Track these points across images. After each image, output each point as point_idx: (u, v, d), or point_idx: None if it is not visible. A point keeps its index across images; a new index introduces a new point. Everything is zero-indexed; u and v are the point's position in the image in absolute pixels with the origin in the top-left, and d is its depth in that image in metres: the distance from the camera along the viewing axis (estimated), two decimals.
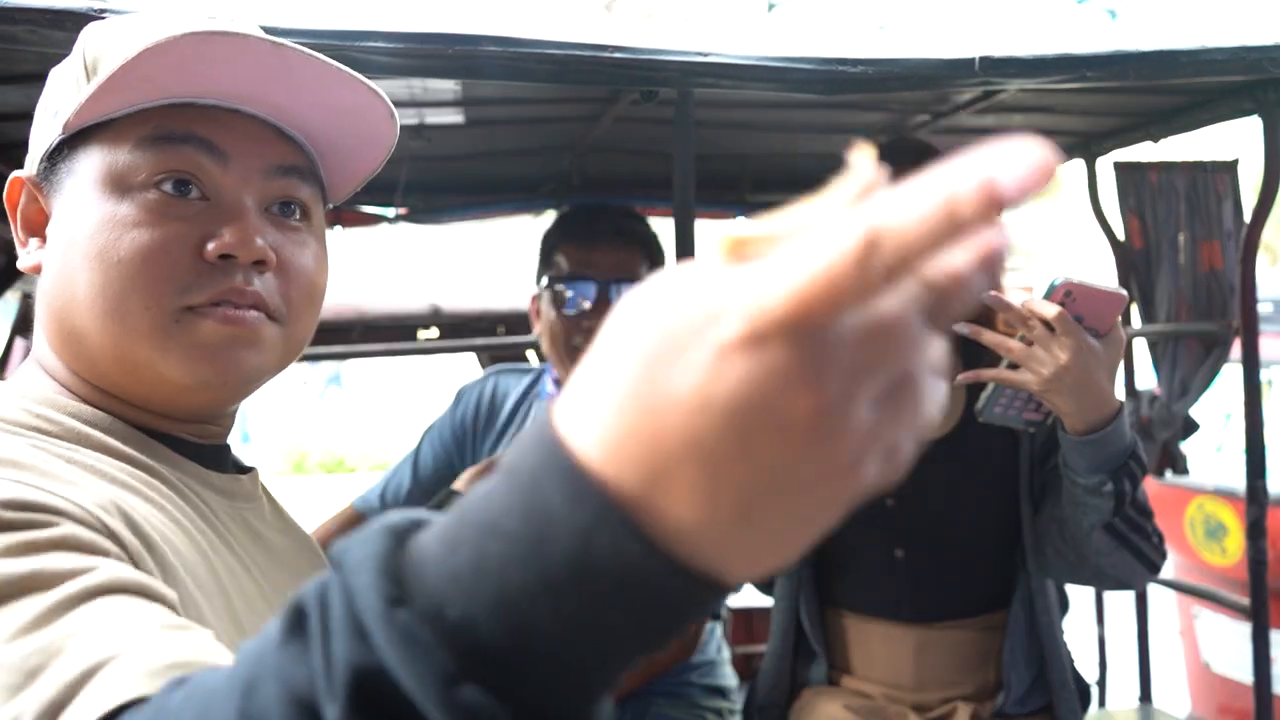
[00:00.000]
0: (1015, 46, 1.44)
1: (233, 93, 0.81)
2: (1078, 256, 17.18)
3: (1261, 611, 1.78)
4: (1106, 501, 1.40)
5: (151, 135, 0.79)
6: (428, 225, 2.38)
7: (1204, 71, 1.50)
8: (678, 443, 0.36)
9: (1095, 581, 1.59)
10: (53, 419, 0.77)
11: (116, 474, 0.74)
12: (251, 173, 0.82)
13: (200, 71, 0.77)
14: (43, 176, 0.84)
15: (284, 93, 0.81)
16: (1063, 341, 1.32)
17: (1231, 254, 1.97)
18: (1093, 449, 1.38)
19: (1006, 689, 1.63)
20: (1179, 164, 2.01)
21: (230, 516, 0.85)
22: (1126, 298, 1.37)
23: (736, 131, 2.04)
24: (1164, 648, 3.30)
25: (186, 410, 0.85)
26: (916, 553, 1.66)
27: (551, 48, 1.29)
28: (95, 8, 1.10)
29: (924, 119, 1.97)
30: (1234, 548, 3.10)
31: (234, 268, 0.79)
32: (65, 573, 0.58)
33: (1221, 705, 3.22)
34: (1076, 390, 1.34)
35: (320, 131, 0.87)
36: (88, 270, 0.78)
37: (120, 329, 0.78)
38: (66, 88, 0.83)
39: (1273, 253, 15.25)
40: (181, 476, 0.82)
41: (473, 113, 1.82)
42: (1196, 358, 2.04)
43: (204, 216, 0.79)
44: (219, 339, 0.79)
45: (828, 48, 1.41)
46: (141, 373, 0.80)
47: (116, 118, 0.80)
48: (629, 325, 0.40)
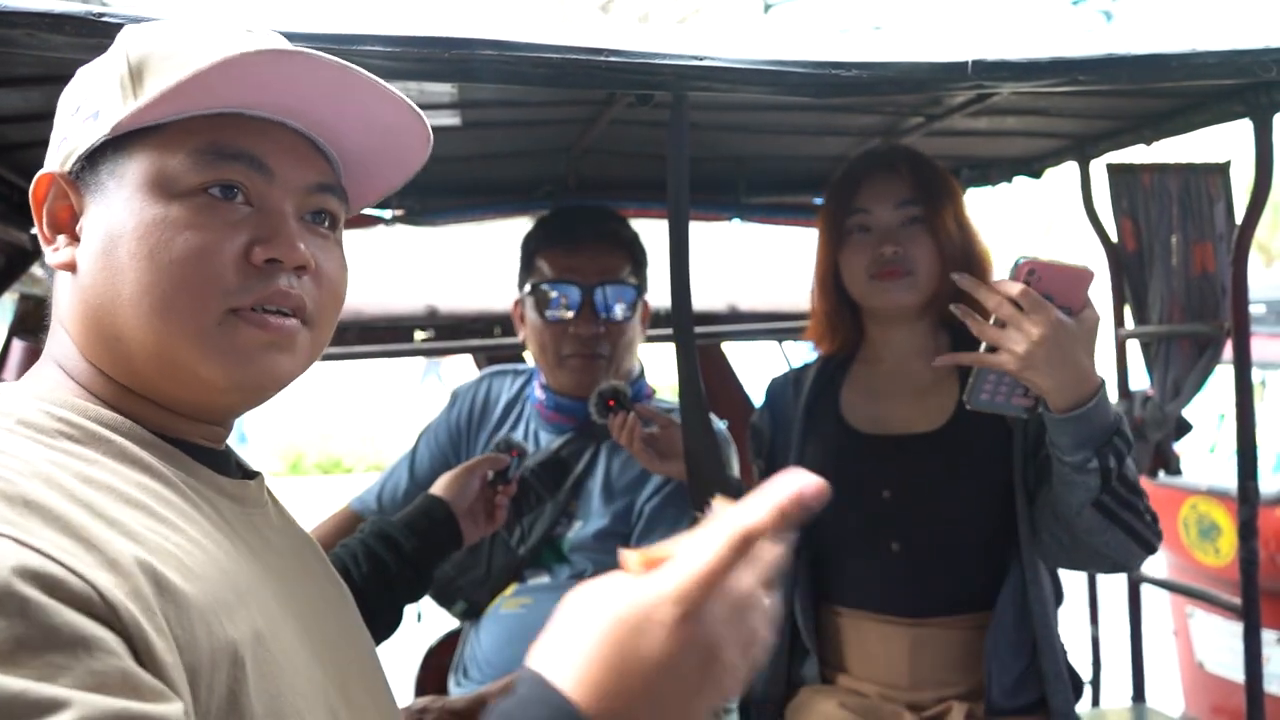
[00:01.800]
0: (1008, 50, 1.45)
1: (283, 107, 0.85)
2: (1071, 258, 17.18)
3: (1253, 611, 1.79)
4: (1093, 479, 1.42)
5: (204, 148, 0.82)
6: (424, 227, 2.39)
7: (1196, 75, 1.51)
8: (640, 687, 0.60)
9: (1092, 563, 1.61)
10: (73, 422, 0.79)
11: (133, 492, 0.75)
12: (293, 187, 0.87)
13: (258, 85, 0.81)
14: (77, 175, 0.85)
15: (329, 109, 0.86)
16: (1033, 318, 1.35)
17: (1223, 256, 1.98)
18: (1075, 426, 1.40)
19: (988, 679, 1.63)
20: (1172, 166, 2.02)
21: (242, 523, 0.87)
22: (1092, 273, 1.39)
23: (731, 134, 2.05)
24: (1158, 647, 3.32)
25: (214, 412, 0.87)
26: (912, 546, 1.68)
27: (547, 51, 1.30)
28: (94, 12, 1.10)
29: (918, 121, 1.98)
30: (1227, 548, 3.11)
31: (278, 272, 0.83)
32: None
33: (1215, 705, 3.23)
34: (1053, 367, 1.37)
35: (354, 148, 0.92)
36: (136, 269, 0.80)
37: (166, 328, 0.80)
38: (107, 88, 0.84)
39: (1267, 254, 15.29)
40: (196, 484, 0.83)
41: (469, 115, 1.82)
42: (1189, 359, 2.05)
43: (249, 223, 0.83)
44: (257, 344, 0.83)
45: (822, 51, 1.42)
46: (179, 373, 0.82)
47: (165, 123, 0.82)
48: (591, 617, 0.62)
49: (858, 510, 1.71)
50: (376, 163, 0.94)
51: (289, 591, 0.87)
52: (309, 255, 0.85)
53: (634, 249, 1.96)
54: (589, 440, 1.93)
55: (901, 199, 1.70)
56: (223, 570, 0.77)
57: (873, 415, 1.76)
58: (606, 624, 0.61)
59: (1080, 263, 1.40)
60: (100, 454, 0.77)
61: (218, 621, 0.72)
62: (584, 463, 1.92)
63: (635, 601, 0.62)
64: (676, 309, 1.52)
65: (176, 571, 0.71)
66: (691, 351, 1.56)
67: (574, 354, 1.89)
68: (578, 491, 1.91)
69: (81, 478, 0.73)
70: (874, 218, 1.71)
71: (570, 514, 1.91)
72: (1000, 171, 2.40)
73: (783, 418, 1.86)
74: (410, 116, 0.89)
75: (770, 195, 2.47)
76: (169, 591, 0.70)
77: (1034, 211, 18.65)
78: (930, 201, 1.69)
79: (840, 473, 1.72)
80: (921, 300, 1.71)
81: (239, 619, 0.75)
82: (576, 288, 1.88)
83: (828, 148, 2.23)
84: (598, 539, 1.85)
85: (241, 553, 0.82)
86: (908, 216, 1.69)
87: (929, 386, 1.73)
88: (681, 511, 1.81)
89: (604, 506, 1.87)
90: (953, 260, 1.69)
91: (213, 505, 0.83)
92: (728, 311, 2.65)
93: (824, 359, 1.86)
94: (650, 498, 1.86)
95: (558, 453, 1.92)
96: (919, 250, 1.68)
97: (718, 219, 2.48)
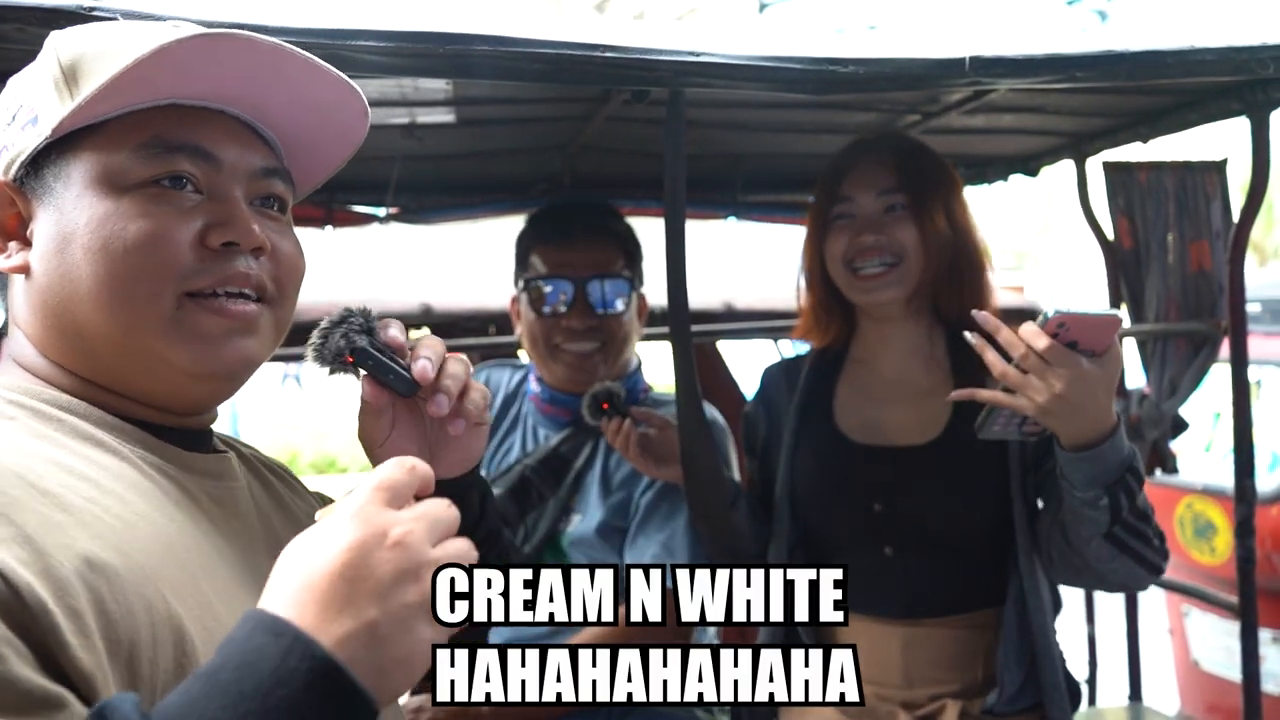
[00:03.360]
0: (1005, 47, 1.44)
1: (218, 94, 0.86)
2: (1068, 256, 17.23)
3: (1250, 609, 1.79)
4: (1103, 515, 1.41)
5: (149, 142, 0.83)
6: (419, 225, 2.38)
7: (1192, 72, 1.51)
8: (327, 583, 0.64)
9: (1099, 585, 1.61)
10: (26, 404, 0.80)
11: (79, 465, 0.76)
12: (239, 174, 0.88)
13: (192, 73, 0.82)
14: (21, 181, 0.85)
15: (263, 92, 0.87)
16: (1058, 372, 1.33)
17: (1220, 254, 1.98)
18: (1088, 464, 1.39)
19: (1000, 689, 1.63)
20: (1168, 164, 2.02)
21: (212, 498, 0.87)
22: (1120, 320, 1.37)
23: (728, 131, 2.04)
24: (1154, 646, 3.32)
25: (189, 403, 0.88)
26: (905, 551, 1.67)
27: (543, 47, 1.29)
28: (86, 6, 1.10)
29: (915, 119, 1.97)
30: (1223, 546, 3.12)
31: (235, 254, 0.85)
32: None
33: (1210, 703, 3.23)
34: (1073, 413, 1.35)
35: (291, 129, 0.93)
36: (91, 264, 0.81)
37: (128, 318, 0.82)
38: (42, 93, 0.84)
39: (1261, 252, 15.32)
40: (156, 460, 0.84)
41: (464, 112, 1.82)
42: (1185, 357, 2.05)
43: (201, 210, 0.85)
44: (220, 330, 0.84)
45: (818, 47, 1.41)
46: (147, 362, 0.83)
47: (105, 121, 0.83)
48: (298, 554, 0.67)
49: (850, 518, 1.70)
50: (316, 141, 0.95)
51: (251, 564, 0.86)
52: (264, 237, 0.86)
53: (628, 243, 1.96)
54: (588, 434, 1.93)
55: (884, 187, 1.67)
56: (170, 545, 0.77)
57: (866, 422, 1.74)
58: (289, 551, 0.67)
59: (1108, 309, 1.38)
60: (53, 430, 0.78)
61: (159, 596, 0.72)
62: (583, 457, 1.92)
63: (329, 526, 0.67)
64: (673, 307, 1.51)
65: (114, 548, 0.71)
66: (688, 349, 1.56)
67: (567, 348, 1.89)
68: (577, 486, 1.91)
69: (24, 451, 0.74)
70: (856, 205, 1.68)
71: (570, 509, 1.91)
72: (997, 169, 2.39)
73: (775, 410, 1.85)
74: (346, 91, 0.90)
75: (767, 193, 2.47)
76: (100, 568, 0.69)
77: (1031, 209, 18.66)
78: (916, 189, 1.66)
79: (832, 482, 1.71)
80: (906, 293, 1.68)
81: (185, 593, 0.75)
82: (569, 282, 1.88)
83: (824, 145, 2.22)
84: (598, 534, 1.84)
85: (201, 528, 0.83)
86: (890, 204, 1.66)
87: (925, 392, 1.71)
88: (675, 505, 1.81)
89: (602, 500, 1.87)
90: (939, 250, 1.66)
91: (173, 480, 0.84)
92: (723, 310, 2.64)
93: (817, 353, 1.83)
94: (645, 491, 1.86)
95: (557, 449, 1.92)
96: (903, 239, 1.65)
97: (714, 217, 2.48)
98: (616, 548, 1.85)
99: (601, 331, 1.88)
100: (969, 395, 1.46)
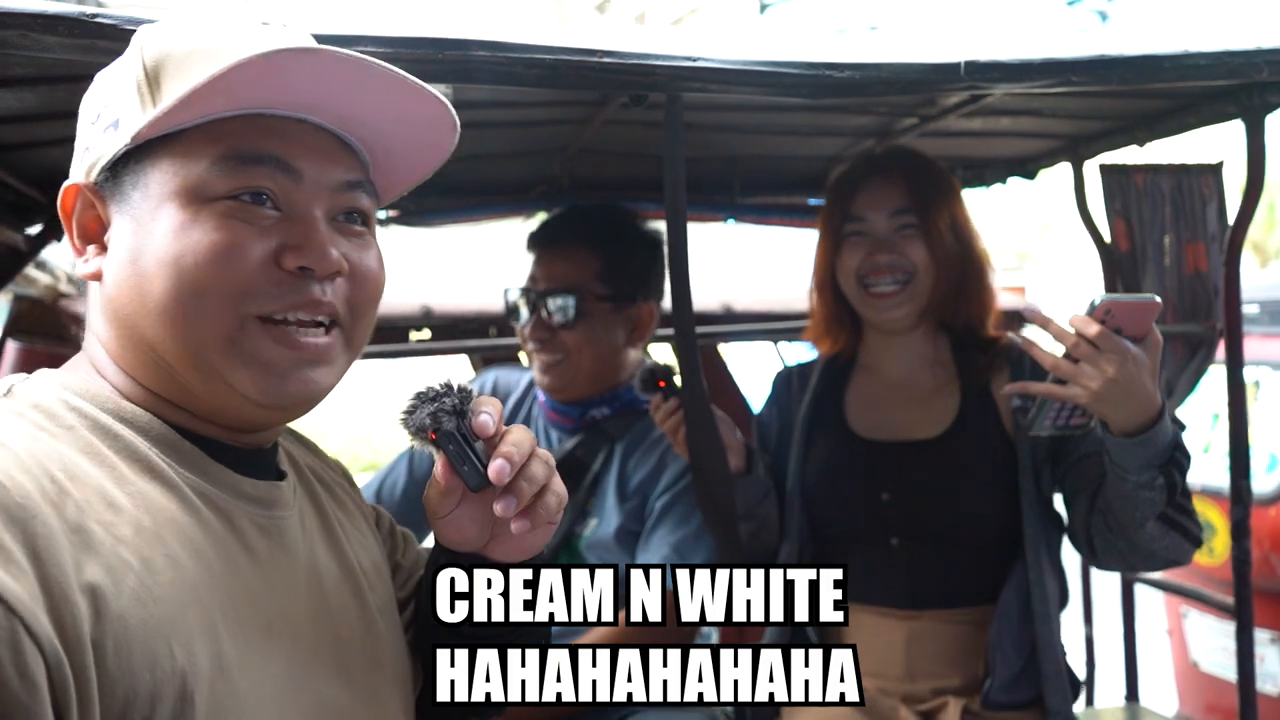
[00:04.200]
0: (1001, 51, 1.45)
1: (304, 104, 0.83)
2: (1068, 257, 17.22)
3: (1245, 610, 1.80)
4: (1159, 494, 1.48)
5: (228, 154, 0.81)
6: (419, 227, 2.39)
7: (1187, 76, 1.52)
8: None
9: (1146, 564, 1.65)
10: (87, 413, 0.78)
11: (119, 496, 0.74)
12: (321, 188, 0.85)
13: (278, 85, 0.80)
14: (101, 185, 0.84)
15: (351, 103, 0.84)
16: (1109, 357, 1.40)
17: (1216, 256, 1.98)
18: (1142, 449, 1.45)
19: (992, 673, 1.66)
20: (1164, 167, 2.03)
21: (259, 528, 0.85)
22: (1160, 303, 1.45)
23: (726, 134, 2.05)
24: (1153, 647, 3.32)
25: (254, 424, 0.86)
26: (910, 541, 1.71)
27: (541, 52, 1.30)
28: (88, 13, 1.10)
29: (912, 122, 1.98)
30: (1221, 547, 3.12)
31: (310, 280, 0.82)
32: None
33: (1209, 704, 3.24)
34: (1126, 398, 1.42)
35: (379, 140, 0.90)
36: (162, 277, 0.79)
37: (194, 335, 0.79)
38: (124, 96, 0.83)
39: (1262, 253, 15.31)
40: (206, 488, 0.82)
41: (463, 116, 1.79)
42: (1182, 359, 2.05)
43: (279, 228, 0.82)
44: (286, 361, 0.82)
45: (815, 52, 1.42)
46: (214, 382, 0.81)
47: (186, 129, 0.81)
48: None
49: (858, 510, 1.75)
50: (404, 153, 0.93)
51: (304, 600, 0.85)
52: (341, 260, 0.84)
53: (611, 253, 1.92)
54: (601, 439, 1.94)
55: (896, 207, 1.73)
56: (195, 590, 0.75)
57: (875, 422, 1.80)
58: None
59: (1148, 295, 1.47)
60: (107, 448, 0.76)
61: (168, 652, 0.71)
62: (599, 461, 1.93)
63: None
64: (676, 309, 1.52)
65: (130, 593, 0.70)
66: (693, 351, 1.57)
67: (537, 359, 1.92)
68: (594, 490, 1.92)
69: (69, 474, 0.72)
70: (869, 225, 1.74)
71: (587, 512, 1.91)
72: (995, 172, 2.40)
73: (787, 412, 1.90)
74: (436, 105, 0.88)
75: (765, 195, 2.48)
76: (111, 618, 0.68)
77: (1032, 210, 18.66)
78: (926, 209, 1.72)
79: (842, 474, 1.76)
80: (918, 309, 1.75)
81: (198, 647, 0.73)
82: (530, 294, 1.91)
83: (822, 148, 2.23)
84: (616, 538, 1.85)
85: (236, 566, 0.81)
86: (902, 224, 1.72)
87: (930, 393, 1.77)
88: (690, 508, 1.82)
89: (619, 505, 1.88)
90: (948, 265, 1.72)
91: (220, 512, 0.82)
92: (723, 312, 2.65)
93: (827, 360, 1.89)
94: (661, 494, 1.86)
95: (572, 452, 1.93)
96: (914, 257, 1.71)
97: (713, 219, 2.48)
98: (634, 551, 1.86)
99: (557, 345, 1.88)
100: (1023, 389, 1.53)
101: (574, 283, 1.88)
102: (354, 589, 0.95)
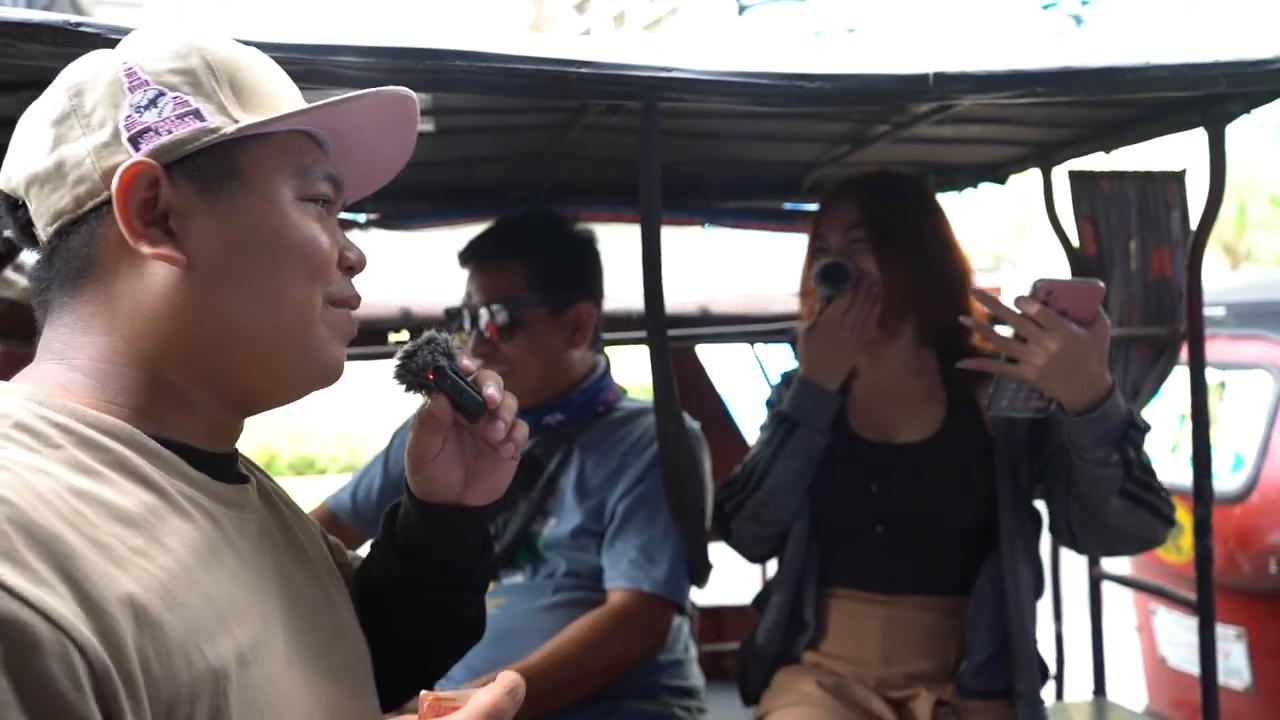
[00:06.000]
0: (968, 62, 1.49)
1: (348, 134, 0.96)
2: (1044, 258, 17.37)
3: (1208, 607, 1.84)
4: (1116, 470, 1.57)
5: (310, 165, 0.92)
6: (398, 231, 2.40)
7: (1148, 88, 1.56)
8: None
9: (1122, 545, 1.74)
10: (70, 428, 0.78)
11: (127, 507, 0.75)
12: (341, 203, 0.98)
13: (346, 116, 0.93)
14: (172, 168, 0.84)
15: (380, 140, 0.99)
16: (1051, 334, 1.49)
17: (1180, 261, 2.02)
18: (1094, 426, 1.54)
19: (970, 655, 1.75)
20: (1130, 174, 2.07)
21: (236, 529, 0.87)
22: (1103, 288, 1.53)
23: (702, 140, 2.08)
24: (1124, 644, 3.38)
25: (269, 403, 0.94)
26: (893, 530, 1.81)
27: (519, 63, 1.32)
28: (71, 22, 1.12)
29: (884, 129, 2.02)
30: (1188, 545, 3.17)
31: (353, 275, 0.96)
32: None
33: (1176, 699, 3.29)
34: (1069, 376, 1.52)
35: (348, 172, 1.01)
36: (271, 263, 0.88)
37: (289, 316, 0.89)
38: (194, 86, 0.86)
39: (1233, 255, 15.50)
40: (191, 492, 0.83)
41: (443, 121, 1.84)
42: (1147, 361, 2.10)
43: (335, 231, 0.95)
44: (346, 337, 0.95)
45: (788, 63, 1.45)
46: (276, 366, 0.90)
47: (275, 134, 0.90)
48: None
49: (849, 500, 1.85)
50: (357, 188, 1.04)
51: (279, 598, 0.88)
52: None
53: (536, 257, 1.92)
54: (559, 440, 1.95)
55: (849, 224, 1.85)
56: (207, 592, 0.77)
57: (867, 422, 1.90)
58: None
59: (1091, 279, 1.55)
60: (99, 463, 0.77)
61: (198, 650, 0.73)
62: (556, 461, 1.94)
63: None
64: (650, 313, 1.55)
65: (160, 600, 0.72)
66: (665, 355, 1.59)
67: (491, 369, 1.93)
68: (552, 489, 1.94)
69: (75, 492, 0.72)
70: (827, 242, 1.88)
71: (546, 511, 1.93)
72: (966, 177, 2.44)
73: None
74: (405, 155, 1.04)
75: (740, 200, 2.51)
76: (149, 625, 0.70)
77: (1007, 212, 18.81)
78: (877, 223, 1.83)
79: (836, 469, 1.85)
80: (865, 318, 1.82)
81: (221, 643, 0.76)
82: (466, 310, 1.94)
83: (797, 153, 2.26)
84: (573, 536, 1.87)
85: (231, 565, 0.83)
86: (852, 239, 1.84)
87: (917, 401, 1.88)
88: (654, 510, 1.84)
89: (578, 505, 1.90)
90: (901, 272, 1.81)
91: (207, 514, 0.83)
92: (699, 314, 2.68)
93: None
94: (623, 497, 1.88)
95: (530, 452, 1.94)
96: (863, 267, 1.82)
97: (689, 224, 2.51)
98: (591, 550, 1.88)
99: (499, 358, 1.89)
100: (979, 365, 1.63)
101: (505, 294, 1.89)
102: (321, 587, 0.99)
